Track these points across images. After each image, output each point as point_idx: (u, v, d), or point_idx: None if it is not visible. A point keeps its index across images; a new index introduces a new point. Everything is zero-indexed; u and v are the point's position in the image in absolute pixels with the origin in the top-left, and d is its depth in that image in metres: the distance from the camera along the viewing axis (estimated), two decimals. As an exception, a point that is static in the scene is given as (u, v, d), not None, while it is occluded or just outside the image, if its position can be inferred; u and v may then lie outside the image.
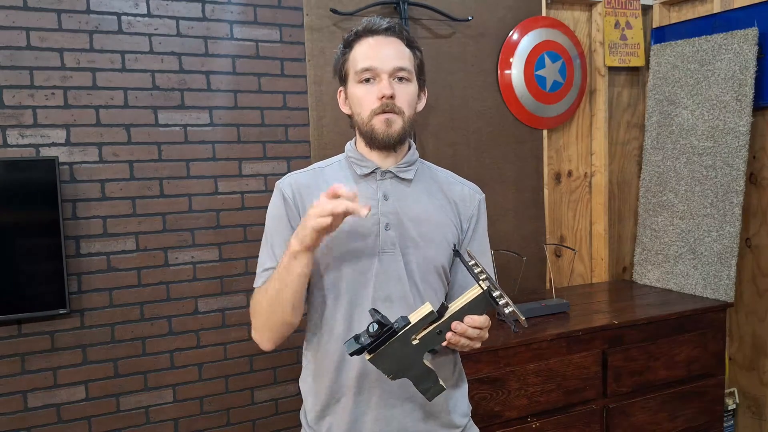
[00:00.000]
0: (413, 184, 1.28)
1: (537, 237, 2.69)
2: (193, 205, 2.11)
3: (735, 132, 2.44)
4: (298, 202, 1.25)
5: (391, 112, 1.20)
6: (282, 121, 2.21)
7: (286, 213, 1.25)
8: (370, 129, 1.21)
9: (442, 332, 1.06)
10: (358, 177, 1.26)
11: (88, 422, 2.00)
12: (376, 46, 1.22)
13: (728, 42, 2.48)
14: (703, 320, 2.34)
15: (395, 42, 1.24)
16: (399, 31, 1.25)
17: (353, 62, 1.23)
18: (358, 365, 1.21)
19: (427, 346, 1.07)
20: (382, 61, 1.20)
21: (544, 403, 2.03)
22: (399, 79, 1.22)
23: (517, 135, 2.61)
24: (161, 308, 2.08)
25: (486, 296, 1.06)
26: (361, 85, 1.22)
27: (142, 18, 2.01)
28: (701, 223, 2.56)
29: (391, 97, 1.19)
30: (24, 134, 1.89)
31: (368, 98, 1.21)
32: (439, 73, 2.44)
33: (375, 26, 1.24)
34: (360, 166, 1.27)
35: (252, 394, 2.21)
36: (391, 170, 1.26)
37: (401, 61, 1.22)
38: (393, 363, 1.06)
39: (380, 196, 1.24)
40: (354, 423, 1.23)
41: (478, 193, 1.36)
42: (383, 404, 1.23)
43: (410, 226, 1.24)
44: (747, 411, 2.68)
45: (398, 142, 1.23)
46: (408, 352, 1.06)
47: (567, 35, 2.68)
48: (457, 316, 1.06)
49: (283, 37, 2.19)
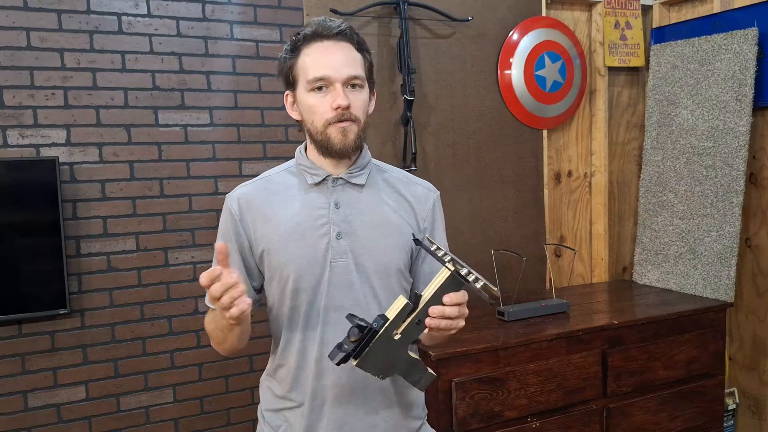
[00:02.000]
0: (366, 189, 1.26)
1: (537, 237, 2.69)
2: (194, 205, 2.11)
3: (735, 132, 2.44)
4: (246, 217, 1.24)
5: (348, 120, 1.18)
6: (282, 122, 2.21)
7: (232, 232, 1.24)
8: (326, 138, 1.19)
9: (421, 321, 1.06)
10: (309, 186, 1.24)
11: (89, 422, 2.00)
12: (327, 53, 1.17)
13: (728, 42, 2.48)
14: (703, 320, 2.34)
15: (346, 47, 1.19)
16: (350, 35, 1.20)
17: (303, 69, 1.18)
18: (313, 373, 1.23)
19: (409, 339, 1.07)
20: (336, 70, 1.16)
21: (544, 403, 2.03)
22: (352, 86, 1.18)
23: (517, 135, 2.62)
24: (161, 308, 2.08)
25: (455, 276, 1.05)
26: (313, 93, 1.18)
27: (143, 18, 2.01)
28: (701, 223, 2.56)
29: (346, 107, 1.17)
30: (24, 134, 1.89)
31: (322, 107, 1.18)
32: (439, 73, 2.44)
33: (325, 30, 1.18)
34: (311, 174, 1.24)
35: (252, 394, 2.21)
36: (342, 177, 1.24)
37: (354, 69, 1.19)
38: (379, 362, 1.06)
39: (331, 205, 1.23)
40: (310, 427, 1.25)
41: (432, 192, 1.34)
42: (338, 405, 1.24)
43: (363, 232, 1.23)
44: (747, 411, 2.68)
45: (354, 150, 1.22)
46: (392, 349, 1.06)
47: (567, 35, 2.69)
48: (432, 301, 1.06)
49: (283, 37, 2.19)
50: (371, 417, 1.25)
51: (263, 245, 1.22)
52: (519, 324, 2.15)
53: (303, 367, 1.24)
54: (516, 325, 2.14)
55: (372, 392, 1.25)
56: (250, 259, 1.25)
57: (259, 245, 1.23)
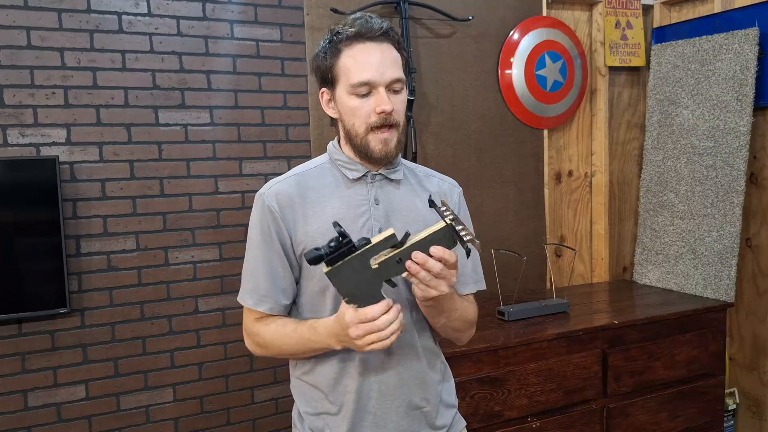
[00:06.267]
0: (401, 185, 1.27)
1: (537, 237, 2.69)
2: (194, 204, 2.11)
3: (735, 132, 2.44)
4: (287, 214, 1.20)
5: (389, 127, 1.17)
6: (282, 121, 2.21)
7: (273, 230, 1.20)
8: (365, 144, 1.18)
9: (401, 261, 1.05)
10: (349, 181, 1.23)
11: (89, 421, 2.00)
12: (372, 55, 1.15)
13: (729, 42, 2.48)
14: (704, 320, 2.34)
15: (388, 48, 1.17)
16: (392, 36, 1.18)
17: (346, 71, 1.16)
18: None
19: (386, 274, 1.06)
20: (381, 74, 1.15)
21: (544, 403, 2.03)
22: (394, 90, 1.18)
23: (517, 135, 2.61)
24: (161, 308, 2.08)
25: (449, 230, 1.04)
26: (355, 96, 1.16)
27: (143, 17, 2.01)
28: (702, 223, 2.55)
29: (390, 113, 1.16)
30: (24, 133, 1.89)
31: (364, 110, 1.16)
32: (440, 73, 2.44)
33: (369, 31, 1.15)
34: (350, 170, 1.23)
35: (252, 393, 2.21)
36: (381, 173, 1.24)
37: (397, 71, 1.17)
38: (350, 284, 1.05)
39: (371, 200, 1.22)
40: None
41: (456, 187, 1.35)
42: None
43: (401, 227, 1.22)
44: (747, 411, 2.68)
45: (395, 157, 1.22)
46: (366, 277, 1.05)
47: (567, 35, 2.68)
48: (419, 246, 1.04)
49: (283, 37, 2.19)
50: (415, 412, 1.25)
51: (304, 243, 1.19)
52: (519, 324, 2.15)
53: (346, 365, 1.22)
54: (516, 325, 2.14)
55: (413, 387, 1.24)
56: (292, 256, 1.23)
57: (300, 243, 1.20)
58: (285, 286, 1.22)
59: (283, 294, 1.23)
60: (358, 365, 1.21)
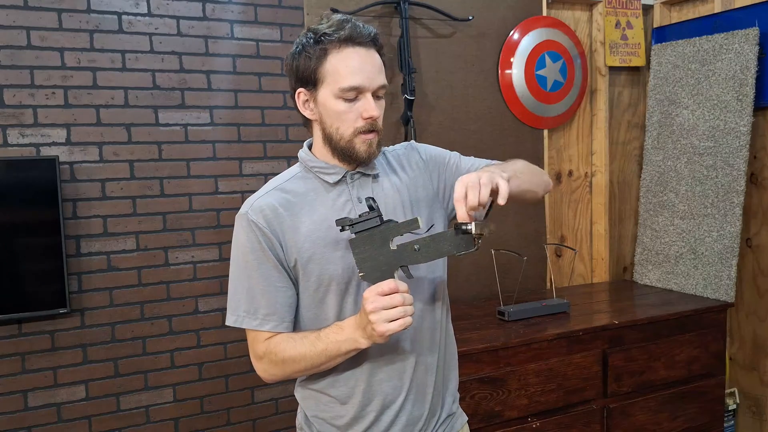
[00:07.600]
0: (379, 178, 1.27)
1: (537, 237, 2.68)
2: (194, 204, 2.11)
3: (736, 132, 2.44)
4: (276, 228, 1.18)
5: (374, 131, 1.19)
6: (282, 121, 2.21)
7: (265, 245, 1.18)
8: (350, 147, 1.18)
9: (419, 250, 1.10)
10: (329, 185, 1.23)
11: (89, 422, 2.00)
12: (364, 61, 1.15)
13: (729, 42, 2.48)
14: (704, 320, 2.34)
15: (375, 55, 1.18)
16: (378, 42, 1.19)
17: (334, 74, 1.15)
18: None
19: (401, 259, 1.11)
20: (371, 80, 1.16)
21: (544, 403, 2.03)
22: (377, 96, 1.19)
23: (517, 135, 2.61)
24: (161, 308, 2.08)
25: (460, 231, 1.09)
26: (341, 100, 1.16)
27: (143, 17, 2.01)
28: (702, 223, 2.55)
29: (376, 118, 1.18)
30: (24, 134, 1.89)
31: (351, 115, 1.16)
32: (440, 72, 2.44)
33: (360, 36, 1.15)
34: (329, 174, 1.22)
35: (252, 393, 2.21)
36: (359, 170, 1.24)
37: (383, 78, 1.19)
38: (368, 256, 1.11)
39: (355, 199, 1.22)
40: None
41: (408, 147, 1.37)
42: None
43: (392, 216, 1.23)
44: (747, 411, 2.68)
45: (375, 157, 1.24)
46: (385, 256, 1.10)
47: (568, 35, 2.68)
48: (432, 239, 1.10)
49: (283, 37, 2.19)
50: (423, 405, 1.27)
51: (296, 255, 1.19)
52: (519, 324, 2.15)
53: (354, 368, 1.22)
54: (516, 325, 2.14)
55: (422, 389, 1.26)
56: (287, 267, 1.21)
57: (291, 256, 1.19)
58: (285, 300, 1.20)
59: (284, 308, 1.20)
60: (367, 365, 1.22)
